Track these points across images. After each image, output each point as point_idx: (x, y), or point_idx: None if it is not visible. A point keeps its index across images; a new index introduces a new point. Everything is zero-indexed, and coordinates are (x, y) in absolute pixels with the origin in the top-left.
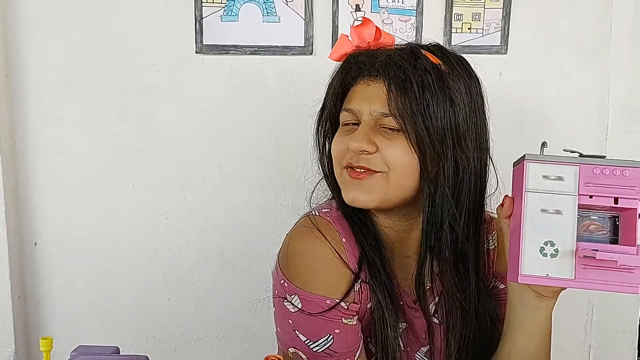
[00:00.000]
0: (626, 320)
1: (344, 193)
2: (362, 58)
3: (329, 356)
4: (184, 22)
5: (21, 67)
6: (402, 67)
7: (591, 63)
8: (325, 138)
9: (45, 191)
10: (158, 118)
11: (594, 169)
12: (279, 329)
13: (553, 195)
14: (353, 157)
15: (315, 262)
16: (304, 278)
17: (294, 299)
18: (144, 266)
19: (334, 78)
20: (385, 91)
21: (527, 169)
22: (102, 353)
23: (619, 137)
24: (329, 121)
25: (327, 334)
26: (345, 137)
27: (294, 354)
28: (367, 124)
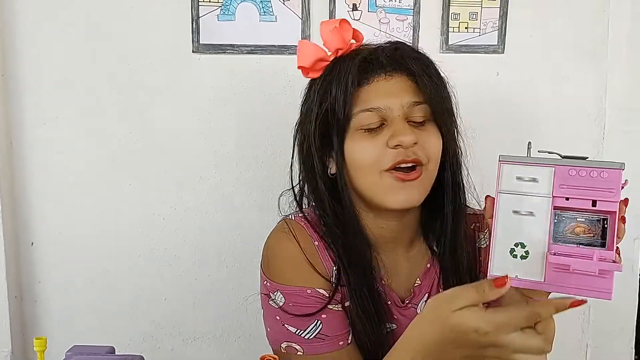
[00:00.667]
0: (623, 320)
1: (390, 197)
2: (375, 55)
3: (322, 340)
4: (181, 22)
5: (18, 66)
6: (416, 58)
7: (588, 63)
8: (323, 151)
9: (42, 191)
10: (155, 117)
11: (569, 170)
12: (268, 329)
13: (526, 196)
14: (400, 154)
15: (290, 259)
16: (282, 274)
17: (277, 296)
18: (140, 266)
19: (341, 81)
20: (408, 83)
21: (501, 170)
22: (97, 353)
23: (616, 137)
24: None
25: (315, 320)
26: (375, 139)
27: (288, 348)
28: (400, 118)
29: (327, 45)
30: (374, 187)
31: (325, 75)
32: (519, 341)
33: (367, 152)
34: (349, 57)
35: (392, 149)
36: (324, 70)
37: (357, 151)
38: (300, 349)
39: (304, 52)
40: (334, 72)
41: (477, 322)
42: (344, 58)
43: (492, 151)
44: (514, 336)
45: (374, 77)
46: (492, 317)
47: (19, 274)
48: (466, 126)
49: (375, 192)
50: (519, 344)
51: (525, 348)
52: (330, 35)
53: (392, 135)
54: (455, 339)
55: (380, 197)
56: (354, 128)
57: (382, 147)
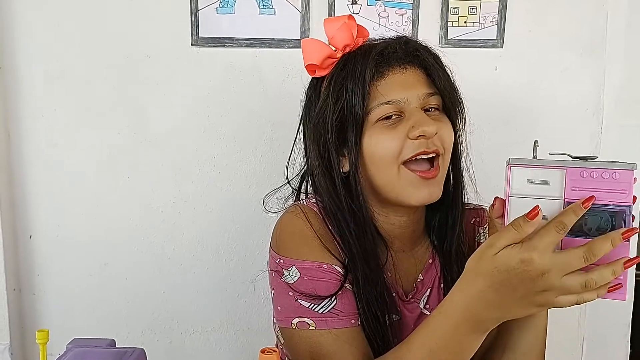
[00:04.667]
0: (619, 313)
1: (412, 193)
2: (389, 49)
3: (336, 316)
4: (180, 14)
5: (15, 59)
6: (427, 51)
7: (587, 57)
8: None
9: (40, 184)
10: (153, 110)
11: (581, 172)
12: (279, 307)
13: (538, 200)
14: (421, 145)
15: (305, 235)
16: (297, 250)
17: (292, 271)
18: (139, 259)
19: (357, 77)
20: (422, 74)
21: (511, 174)
22: (97, 346)
23: (614, 131)
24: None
25: (329, 294)
26: (394, 131)
27: (299, 323)
28: (418, 109)
29: (333, 43)
30: (393, 182)
31: (337, 72)
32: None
33: (387, 143)
34: (361, 52)
35: (413, 140)
36: (333, 68)
37: (377, 144)
38: (313, 323)
39: (311, 49)
40: (347, 68)
41: (522, 253)
42: (355, 54)
43: (490, 145)
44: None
45: (389, 71)
46: (536, 244)
47: (17, 267)
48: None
49: (394, 187)
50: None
51: (573, 285)
52: (338, 32)
53: (413, 125)
54: (504, 280)
55: (400, 192)
56: (372, 122)
57: (402, 138)
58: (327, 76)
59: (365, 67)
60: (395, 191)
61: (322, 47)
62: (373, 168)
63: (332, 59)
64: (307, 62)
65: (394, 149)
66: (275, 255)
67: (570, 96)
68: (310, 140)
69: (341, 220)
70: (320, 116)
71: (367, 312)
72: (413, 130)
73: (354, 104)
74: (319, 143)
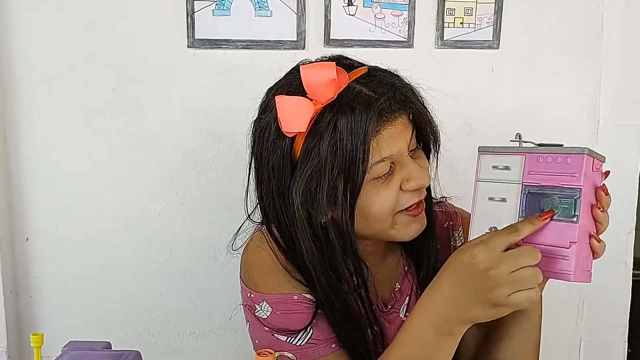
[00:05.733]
0: (617, 314)
1: (405, 232)
2: (385, 105)
3: (315, 345)
4: (176, 16)
5: (12, 60)
6: (412, 91)
7: (583, 58)
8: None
9: (37, 186)
10: (150, 112)
11: (538, 157)
12: (256, 341)
13: (500, 183)
14: (415, 196)
15: (271, 266)
16: (265, 283)
17: (263, 306)
18: (136, 261)
19: (355, 138)
20: (406, 119)
21: (480, 161)
22: (93, 348)
23: (610, 132)
24: (348, 185)
25: (304, 326)
26: (389, 186)
27: (280, 357)
28: (409, 158)
29: (315, 96)
30: (387, 229)
31: (327, 132)
32: (511, 258)
33: (384, 201)
34: (352, 107)
35: (408, 192)
36: (316, 125)
37: (373, 202)
38: (293, 356)
39: (295, 113)
40: (340, 128)
41: (472, 247)
42: (345, 110)
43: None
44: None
45: (382, 126)
46: (485, 239)
47: (14, 270)
48: (462, 122)
49: (388, 232)
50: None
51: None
52: (324, 88)
53: (407, 179)
54: (459, 276)
55: (394, 234)
56: (366, 180)
57: (397, 191)
58: (307, 135)
59: (364, 130)
60: (388, 234)
61: (305, 107)
62: (366, 222)
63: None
64: (291, 128)
65: (390, 205)
66: (245, 288)
67: (566, 97)
68: (295, 203)
69: (323, 261)
70: (311, 183)
71: (344, 333)
72: (409, 183)
73: (354, 169)
74: (306, 207)
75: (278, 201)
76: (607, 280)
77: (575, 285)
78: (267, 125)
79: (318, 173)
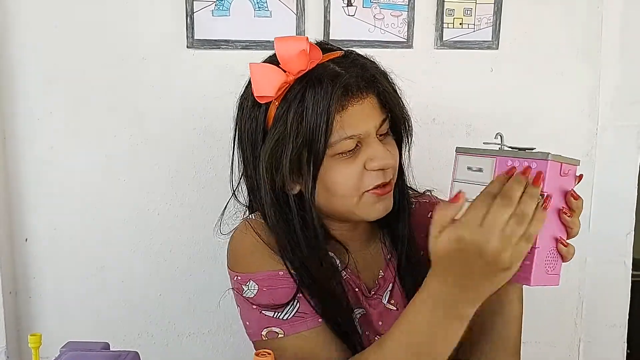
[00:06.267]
0: (616, 314)
1: (371, 211)
2: (350, 80)
3: (302, 318)
4: (175, 17)
5: (11, 60)
6: (381, 73)
7: (582, 58)
8: (293, 174)
9: (36, 187)
10: (150, 113)
11: (507, 161)
12: (247, 322)
13: (473, 185)
14: (379, 177)
15: (256, 247)
16: (251, 264)
17: (250, 285)
18: (135, 262)
19: (320, 111)
20: (376, 101)
21: (457, 161)
22: (91, 349)
23: (610, 132)
24: (311, 157)
25: (289, 299)
26: (353, 163)
27: (269, 334)
28: (375, 138)
29: (286, 67)
30: (352, 207)
31: (295, 104)
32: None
33: (347, 177)
34: (321, 85)
35: (372, 171)
36: (287, 95)
37: (337, 177)
38: (281, 330)
39: (264, 78)
40: (307, 100)
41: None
42: (314, 84)
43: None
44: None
45: (349, 103)
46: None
47: (13, 270)
48: (461, 122)
49: (354, 210)
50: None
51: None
52: (295, 59)
53: (371, 158)
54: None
55: (359, 213)
56: (330, 154)
57: (361, 169)
58: (279, 104)
59: (329, 102)
60: (355, 212)
61: (275, 74)
62: (331, 197)
63: (285, 84)
64: (261, 93)
65: (354, 182)
66: (232, 273)
67: (565, 97)
68: (261, 168)
69: (289, 232)
70: (276, 148)
71: (324, 311)
72: (372, 162)
73: (316, 139)
74: (271, 172)
75: (250, 168)
76: (606, 281)
77: (574, 286)
78: (247, 95)
79: (283, 140)
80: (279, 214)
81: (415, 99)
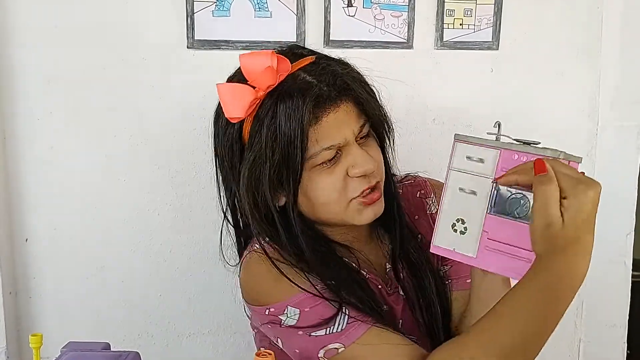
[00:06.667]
0: (616, 314)
1: (360, 217)
2: (322, 90)
3: (355, 323)
4: (175, 17)
5: (11, 60)
6: (355, 78)
7: (582, 58)
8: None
9: (36, 187)
10: (149, 113)
11: (513, 154)
12: (297, 350)
13: (472, 175)
14: (363, 182)
15: (276, 273)
16: (281, 291)
17: (289, 312)
18: (135, 262)
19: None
20: (353, 106)
21: (455, 148)
22: (92, 349)
23: (610, 132)
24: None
25: (337, 312)
26: (334, 172)
27: (328, 352)
28: (354, 144)
29: (255, 83)
30: (340, 215)
31: (267, 120)
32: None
33: (329, 187)
34: (291, 98)
35: (355, 178)
36: (258, 111)
37: (319, 188)
38: (340, 344)
39: (233, 98)
40: (279, 115)
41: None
42: (284, 97)
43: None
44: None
45: (324, 113)
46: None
47: (13, 270)
48: (461, 122)
49: (342, 217)
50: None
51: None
52: (261, 76)
53: (352, 165)
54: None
55: (348, 220)
56: (310, 167)
57: (343, 177)
58: (252, 121)
59: (301, 116)
60: (344, 219)
61: (244, 93)
62: (316, 206)
63: (255, 100)
64: (232, 114)
65: (337, 191)
66: (260, 308)
67: (565, 97)
68: (243, 188)
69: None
70: (254, 168)
71: (370, 310)
72: (353, 169)
73: (293, 155)
74: (252, 191)
75: (233, 187)
76: (606, 281)
77: None
78: (219, 114)
79: (260, 158)
80: (265, 229)
81: (415, 100)
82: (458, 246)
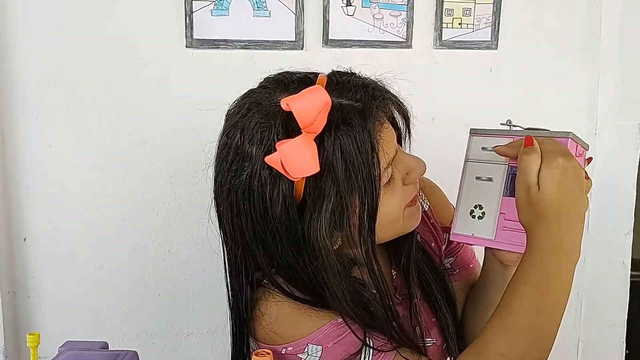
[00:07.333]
0: (615, 314)
1: (414, 221)
2: (371, 111)
3: (381, 352)
4: (174, 16)
5: (9, 60)
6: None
7: (581, 58)
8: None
9: (35, 186)
10: (148, 113)
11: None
12: None
13: (488, 164)
14: (416, 187)
15: (296, 309)
16: (300, 326)
17: (310, 350)
18: (134, 261)
19: (364, 160)
20: (394, 112)
21: (470, 142)
22: (90, 348)
23: (608, 132)
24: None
25: (362, 340)
26: (395, 187)
27: None
28: (401, 151)
29: (310, 129)
30: (401, 227)
31: (334, 159)
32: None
33: (396, 202)
34: (347, 122)
35: (408, 185)
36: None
37: (388, 206)
38: None
39: (305, 155)
40: (346, 148)
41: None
42: (341, 129)
43: None
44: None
45: (381, 130)
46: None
47: (12, 270)
48: (460, 122)
49: (401, 229)
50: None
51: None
52: (319, 120)
53: (408, 172)
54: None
55: (404, 229)
56: (383, 186)
57: (401, 190)
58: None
59: (370, 142)
60: (399, 232)
61: (309, 146)
62: (384, 227)
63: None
64: (307, 172)
65: (400, 205)
66: (278, 347)
67: (564, 97)
68: (321, 252)
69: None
70: (334, 216)
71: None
72: (409, 177)
73: (370, 183)
74: (328, 243)
75: (291, 250)
76: (605, 281)
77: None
78: (253, 175)
79: (339, 204)
80: (342, 277)
81: (414, 99)
82: (477, 230)
